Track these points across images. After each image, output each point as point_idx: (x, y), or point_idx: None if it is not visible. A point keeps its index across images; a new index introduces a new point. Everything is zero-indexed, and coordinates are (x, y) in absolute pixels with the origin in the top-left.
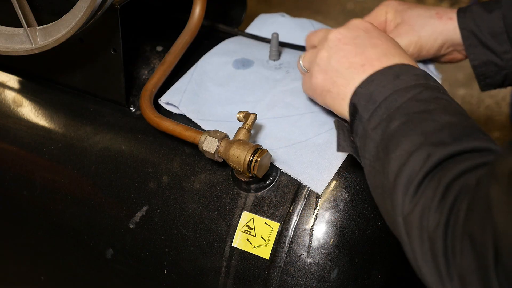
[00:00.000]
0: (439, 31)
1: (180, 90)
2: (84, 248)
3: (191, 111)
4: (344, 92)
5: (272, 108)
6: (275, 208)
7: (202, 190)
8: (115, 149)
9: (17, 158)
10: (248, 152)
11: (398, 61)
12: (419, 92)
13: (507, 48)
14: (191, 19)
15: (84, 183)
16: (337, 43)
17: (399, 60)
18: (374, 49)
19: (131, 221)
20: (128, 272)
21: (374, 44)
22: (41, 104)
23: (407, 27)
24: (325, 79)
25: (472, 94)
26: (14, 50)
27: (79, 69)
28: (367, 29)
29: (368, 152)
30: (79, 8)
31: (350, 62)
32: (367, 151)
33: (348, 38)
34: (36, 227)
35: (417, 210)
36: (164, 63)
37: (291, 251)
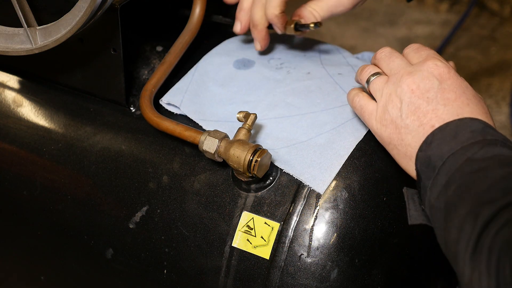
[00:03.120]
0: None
1: (181, 91)
2: (84, 248)
3: (192, 111)
4: (411, 152)
5: (273, 108)
6: (275, 208)
7: (202, 190)
8: (115, 149)
9: (17, 158)
10: (248, 152)
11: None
12: (476, 151)
13: None
14: (191, 19)
15: (84, 183)
16: (410, 95)
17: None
18: (445, 108)
19: (131, 221)
20: (128, 272)
21: (446, 100)
22: (41, 104)
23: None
24: (392, 133)
25: None
26: (14, 50)
27: (79, 69)
28: (441, 78)
29: (436, 222)
30: (79, 8)
31: (421, 122)
32: (435, 221)
33: (421, 91)
34: (36, 227)
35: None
36: (164, 63)
37: (291, 251)
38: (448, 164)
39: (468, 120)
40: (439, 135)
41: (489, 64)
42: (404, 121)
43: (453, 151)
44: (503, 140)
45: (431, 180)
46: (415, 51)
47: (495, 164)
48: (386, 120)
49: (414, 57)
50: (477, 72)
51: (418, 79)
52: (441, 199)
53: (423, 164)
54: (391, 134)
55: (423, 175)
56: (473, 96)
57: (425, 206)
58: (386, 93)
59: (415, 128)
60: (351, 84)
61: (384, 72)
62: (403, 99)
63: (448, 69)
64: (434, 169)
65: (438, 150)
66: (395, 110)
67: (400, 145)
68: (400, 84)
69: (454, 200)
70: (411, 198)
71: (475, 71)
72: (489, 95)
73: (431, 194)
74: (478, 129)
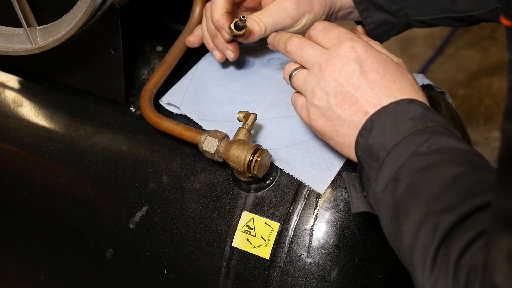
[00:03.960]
0: (329, 3)
1: (181, 90)
2: (84, 248)
3: (192, 111)
4: (350, 141)
5: (274, 108)
6: (275, 208)
7: (202, 190)
8: (115, 149)
9: (17, 158)
10: (248, 152)
11: (396, 92)
12: (420, 144)
13: (400, 6)
14: (191, 19)
15: (84, 183)
16: (334, 85)
17: (399, 94)
18: (373, 91)
19: (131, 221)
20: (128, 272)
21: (372, 83)
22: (41, 104)
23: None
24: (326, 126)
25: (472, 94)
26: (14, 50)
27: (79, 69)
28: (361, 60)
29: (382, 214)
30: (79, 8)
31: (353, 110)
32: (381, 213)
33: (344, 78)
34: (36, 227)
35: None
36: (164, 63)
37: (291, 251)
38: (393, 156)
39: (405, 103)
40: (378, 120)
41: (489, 64)
42: (335, 112)
43: (397, 141)
44: (444, 124)
45: (375, 171)
46: (323, 33)
47: (444, 161)
48: (315, 114)
49: (324, 39)
50: (477, 72)
51: (338, 66)
52: (388, 193)
53: (365, 152)
54: (324, 127)
55: (366, 164)
56: (395, 70)
57: (369, 196)
58: (310, 87)
59: (348, 117)
60: None
61: (302, 65)
62: (328, 91)
63: (364, 47)
64: (377, 160)
65: (380, 138)
66: (323, 103)
67: (336, 135)
68: (322, 76)
69: (404, 202)
70: (352, 185)
71: (475, 71)
72: (489, 95)
73: (376, 185)
74: (418, 115)
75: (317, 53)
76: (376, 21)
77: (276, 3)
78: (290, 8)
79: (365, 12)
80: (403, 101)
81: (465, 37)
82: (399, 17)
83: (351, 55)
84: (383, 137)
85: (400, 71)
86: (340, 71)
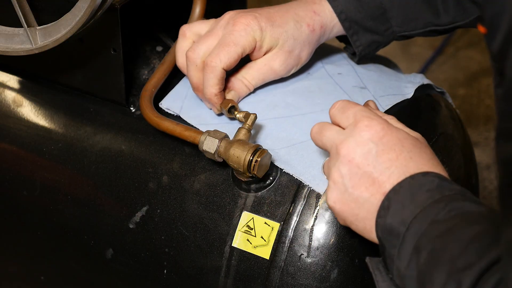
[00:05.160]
0: (316, 42)
1: (181, 96)
2: (84, 248)
3: (192, 117)
4: (371, 226)
5: (274, 108)
6: (275, 208)
7: (202, 190)
8: (115, 149)
9: (17, 158)
10: (248, 152)
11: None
12: (438, 212)
13: (387, 26)
14: (191, 19)
15: (84, 183)
16: (349, 166)
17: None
18: (389, 170)
19: (131, 221)
20: (128, 272)
21: (388, 162)
22: (41, 104)
23: (284, 55)
24: (344, 211)
25: (472, 94)
26: (14, 50)
27: (79, 69)
28: (376, 139)
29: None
30: (79, 8)
31: (370, 192)
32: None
33: (359, 159)
34: (36, 227)
35: None
36: (164, 63)
37: (291, 251)
38: (413, 229)
39: (420, 176)
40: (395, 198)
41: (489, 64)
42: (352, 195)
43: (415, 214)
44: (461, 192)
45: (397, 248)
46: (341, 112)
47: (462, 223)
48: (334, 198)
49: (342, 119)
50: (477, 72)
51: (352, 146)
52: (412, 267)
53: (385, 232)
54: (343, 212)
55: (387, 244)
56: (413, 146)
57: (394, 276)
58: (331, 171)
59: (367, 199)
60: (351, 84)
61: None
62: (343, 172)
63: (381, 125)
64: (398, 236)
65: (398, 215)
66: (339, 186)
67: (356, 220)
68: (338, 157)
69: (427, 269)
70: (377, 269)
71: (475, 71)
72: (489, 95)
73: (400, 263)
74: (434, 186)
75: (333, 135)
76: (364, 43)
77: (264, 63)
78: (279, 68)
79: (354, 35)
80: (417, 175)
81: (465, 37)
82: (386, 36)
83: (367, 134)
84: (401, 214)
85: (418, 146)
86: (355, 151)
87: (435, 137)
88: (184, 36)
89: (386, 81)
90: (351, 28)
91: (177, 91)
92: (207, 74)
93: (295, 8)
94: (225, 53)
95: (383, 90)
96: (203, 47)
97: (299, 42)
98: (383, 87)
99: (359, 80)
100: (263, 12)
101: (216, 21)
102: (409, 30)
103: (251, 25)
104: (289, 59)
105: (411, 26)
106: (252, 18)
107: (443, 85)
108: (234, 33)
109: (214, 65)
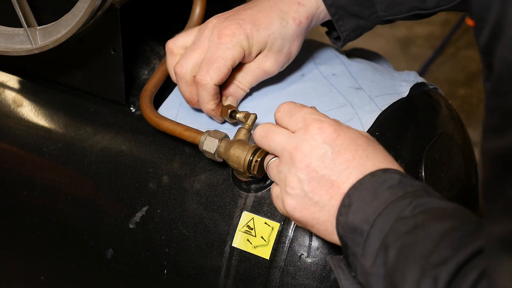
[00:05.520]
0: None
1: (175, 105)
2: (84, 248)
3: (189, 123)
4: (332, 228)
5: (271, 112)
6: (275, 208)
7: (202, 190)
8: (115, 149)
9: (17, 158)
10: (248, 152)
11: (371, 168)
12: (403, 208)
13: (373, 10)
14: (191, 19)
15: (84, 183)
16: (307, 171)
17: (372, 166)
18: (347, 171)
19: (131, 221)
20: (128, 272)
21: (345, 163)
22: (41, 104)
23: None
24: (304, 215)
25: (472, 94)
26: (14, 50)
27: (79, 69)
28: (330, 141)
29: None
30: (79, 8)
31: (330, 194)
32: None
33: (316, 163)
34: (36, 227)
35: None
36: (164, 63)
37: (291, 251)
38: (378, 226)
39: (380, 173)
40: (356, 195)
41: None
42: (312, 199)
43: (379, 211)
44: (423, 188)
45: (361, 246)
46: (288, 115)
47: (432, 219)
48: (291, 204)
49: (290, 123)
50: (477, 72)
51: (308, 151)
52: (378, 264)
53: (347, 230)
54: (303, 217)
55: (349, 241)
56: (367, 144)
57: (358, 274)
58: (282, 176)
59: (327, 202)
60: (346, 85)
61: (272, 154)
62: (301, 178)
63: (332, 127)
64: (362, 234)
65: (361, 213)
66: (297, 191)
67: (318, 223)
68: (293, 163)
69: (398, 266)
70: (339, 267)
71: (475, 71)
72: None
73: (365, 260)
74: (395, 183)
75: (283, 140)
76: (349, 28)
77: (256, 66)
78: (271, 68)
79: (340, 21)
80: (377, 171)
81: (465, 37)
82: (371, 21)
83: (320, 137)
84: (363, 211)
85: (371, 144)
86: (311, 156)
87: (435, 137)
88: (171, 53)
89: (381, 80)
90: (336, 14)
91: (171, 101)
92: (200, 92)
93: (278, 4)
94: (215, 69)
95: (378, 90)
96: (190, 61)
97: (287, 39)
98: (378, 86)
99: (353, 80)
100: (247, 16)
101: (200, 31)
102: (393, 14)
103: (237, 35)
104: (280, 57)
105: (396, 10)
106: (237, 27)
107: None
108: (221, 46)
109: (205, 83)
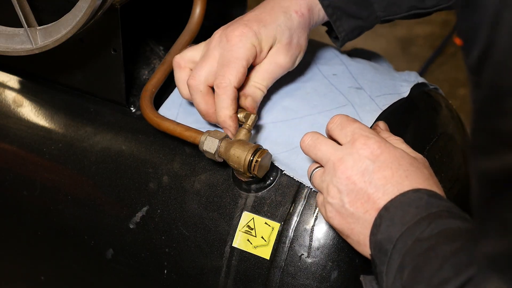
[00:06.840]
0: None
1: (176, 104)
2: (84, 248)
3: (189, 123)
4: (364, 240)
5: (270, 112)
6: (275, 208)
7: (203, 191)
8: (115, 149)
9: (17, 158)
10: (249, 152)
11: (407, 187)
12: (423, 230)
13: (371, 10)
14: (191, 19)
15: (84, 183)
16: (347, 183)
17: (408, 186)
18: (384, 188)
19: (131, 221)
20: (128, 272)
21: (384, 179)
22: (41, 104)
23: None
24: (341, 224)
25: None
26: (14, 50)
27: (79, 69)
28: (373, 157)
29: None
30: (79, 8)
31: (365, 208)
32: None
33: (356, 176)
34: (36, 227)
35: None
36: (164, 63)
37: (292, 251)
38: (398, 246)
39: (410, 193)
40: (385, 215)
41: None
42: (348, 210)
43: (401, 232)
44: (448, 208)
45: (385, 265)
46: (339, 128)
47: (443, 240)
48: (331, 212)
49: (340, 135)
50: None
51: (350, 164)
52: (397, 284)
53: (376, 249)
54: (340, 225)
55: (377, 260)
56: (410, 164)
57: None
58: (325, 185)
59: (361, 215)
60: (346, 85)
61: (318, 163)
62: (341, 189)
63: (378, 143)
64: (386, 253)
65: (387, 232)
66: (336, 201)
67: (352, 234)
68: (335, 173)
69: (409, 285)
70: (370, 286)
71: None
72: None
73: (387, 279)
74: (422, 203)
75: (330, 151)
76: (347, 28)
77: (270, 62)
78: (284, 61)
79: (338, 21)
80: (409, 191)
81: None
82: (369, 21)
83: (364, 153)
84: (389, 230)
85: (415, 165)
86: (353, 169)
87: (435, 137)
88: (179, 67)
89: (381, 80)
90: (334, 14)
91: (172, 101)
92: (219, 96)
93: (278, 2)
94: (232, 71)
95: (379, 90)
96: (203, 72)
97: (294, 31)
98: (379, 86)
99: (354, 80)
100: (251, 17)
101: (207, 43)
102: (392, 14)
103: (245, 34)
104: (291, 49)
105: (395, 10)
106: (244, 27)
107: (443, 85)
108: (232, 48)
109: (225, 85)
